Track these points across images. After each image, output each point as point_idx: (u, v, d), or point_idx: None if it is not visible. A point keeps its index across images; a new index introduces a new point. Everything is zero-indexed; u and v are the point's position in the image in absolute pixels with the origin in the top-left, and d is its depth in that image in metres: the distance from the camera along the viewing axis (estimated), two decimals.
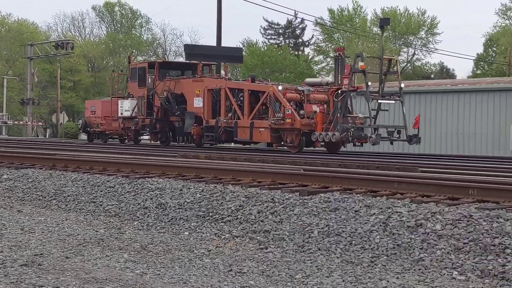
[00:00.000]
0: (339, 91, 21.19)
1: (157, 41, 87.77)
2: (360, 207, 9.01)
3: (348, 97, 21.22)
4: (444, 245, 7.64)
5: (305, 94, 22.30)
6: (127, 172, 13.64)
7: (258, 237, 9.02)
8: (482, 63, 70.13)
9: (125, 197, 11.61)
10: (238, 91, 24.17)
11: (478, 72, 68.81)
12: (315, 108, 21.99)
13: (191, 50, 30.71)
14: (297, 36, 76.80)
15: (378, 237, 8.17)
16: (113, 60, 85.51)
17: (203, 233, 9.57)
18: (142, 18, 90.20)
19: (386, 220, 8.46)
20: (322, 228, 8.73)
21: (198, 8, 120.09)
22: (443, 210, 8.41)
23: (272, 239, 8.88)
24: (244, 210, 9.89)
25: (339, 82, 21.51)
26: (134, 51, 78.01)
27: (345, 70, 21.06)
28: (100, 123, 31.28)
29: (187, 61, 31.17)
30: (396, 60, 21.97)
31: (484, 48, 70.16)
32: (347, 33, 73.23)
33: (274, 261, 7.97)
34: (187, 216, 10.27)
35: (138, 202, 11.21)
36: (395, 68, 21.92)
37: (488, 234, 7.57)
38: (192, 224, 10.00)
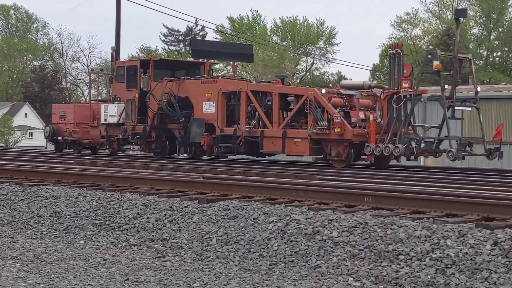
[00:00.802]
0: (398, 96, 17.48)
1: (54, 46, 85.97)
2: (259, 214, 9.04)
3: (415, 102, 17.50)
4: (340, 252, 7.74)
5: (349, 99, 18.70)
6: (20, 180, 13.24)
7: (156, 246, 8.91)
8: (378, 73, 71.95)
9: (18, 205, 11.26)
10: (263, 94, 19.96)
11: (375, 82, 70.43)
12: (362, 115, 18.35)
13: (198, 46, 26.33)
14: None
15: (276, 244, 8.22)
16: (7, 64, 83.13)
17: (99, 241, 9.38)
18: (38, 22, 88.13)
19: (284, 227, 8.52)
20: (221, 236, 8.71)
21: (97, 14, 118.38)
22: (340, 217, 8.54)
23: (170, 247, 8.79)
24: (142, 218, 9.76)
25: (397, 84, 17.54)
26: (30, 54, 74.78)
27: (405, 71, 17.48)
28: (73, 130, 25.67)
29: (189, 60, 27.59)
30: (470, 60, 18.36)
31: (380, 58, 72.03)
32: (247, 41, 73.76)
33: (171, 269, 7.88)
34: (82, 224, 10.05)
35: (31, 210, 10.89)
36: (468, 69, 18.82)
37: (382, 241, 7.72)
38: (88, 232, 9.79)
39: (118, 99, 23.60)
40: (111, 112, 23.58)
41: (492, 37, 66.18)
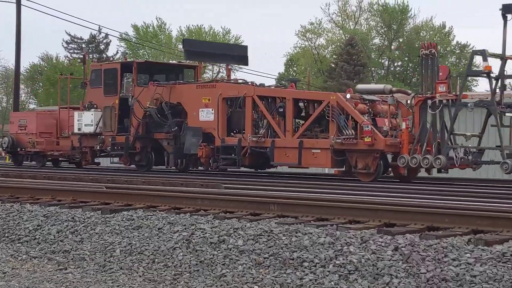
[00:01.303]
0: (433, 101, 15.45)
1: None
2: (164, 224, 8.95)
3: (459, 108, 15.50)
4: (246, 260, 7.74)
5: (371, 105, 16.92)
6: None
7: (57, 258, 8.69)
8: (283, 81, 72.69)
9: None
10: (272, 100, 17.99)
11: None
12: (387, 123, 16.51)
13: (192, 46, 23.18)
14: (101, 51, 75.70)
15: (181, 254, 8.14)
16: None
17: None
18: None
19: (190, 237, 8.45)
20: (125, 246, 8.57)
21: None
22: (245, 225, 8.54)
23: (72, 259, 8.59)
24: (42, 230, 9.50)
25: (433, 89, 15.56)
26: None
27: (440, 73, 15.56)
28: (36, 141, 22.87)
29: (178, 62, 25.66)
30: None
31: (285, 67, 72.82)
32: (152, 50, 73.23)
33: (73, 281, 7.70)
34: None
35: None
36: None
37: (287, 248, 7.77)
38: None
39: (95, 106, 21.09)
40: (86, 121, 21.10)
41: (392, 47, 67.97)
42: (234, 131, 18.51)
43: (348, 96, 16.53)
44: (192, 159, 19.17)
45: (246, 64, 23.93)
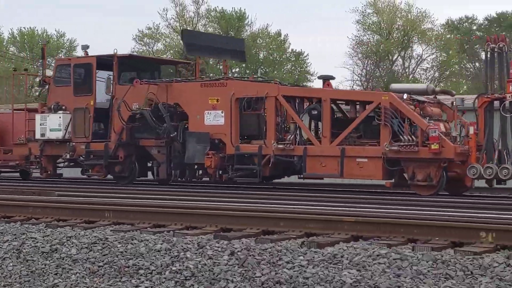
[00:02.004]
0: (504, 103, 13.59)
1: None
2: None
3: None
4: (79, 269, 7.54)
5: (421, 107, 14.67)
6: None
7: None
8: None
9: None
10: (301, 101, 15.71)
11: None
12: (442, 127, 14.32)
13: (192, 40, 19.27)
14: None
15: (11, 264, 7.81)
16: None
17: None
18: None
19: (20, 246, 8.12)
20: None
21: None
22: (79, 233, 8.33)
23: None
24: None
25: (503, 88, 13.68)
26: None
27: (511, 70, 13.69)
28: None
29: (169, 58, 23.08)
30: None
31: None
32: None
33: None
34: None
35: None
36: None
37: (123, 256, 7.64)
38: None
39: (63, 107, 17.91)
40: (52, 125, 17.81)
41: None
42: (245, 137, 16.05)
43: (405, 96, 14.47)
44: (193, 170, 16.45)
45: (244, 60, 21.21)
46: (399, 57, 58.19)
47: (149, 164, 17.57)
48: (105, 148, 16.96)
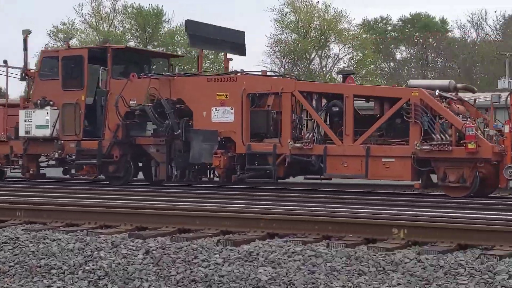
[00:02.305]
0: None
1: None
2: None
3: None
4: None
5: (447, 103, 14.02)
6: None
7: None
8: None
9: None
10: (319, 97, 14.91)
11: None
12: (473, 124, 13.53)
13: (197, 30, 17.49)
14: None
15: None
16: None
17: None
18: None
19: None
20: None
21: None
22: None
23: None
24: None
25: None
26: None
27: None
28: None
29: (162, 51, 21.41)
30: None
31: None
32: None
33: None
34: None
35: None
36: None
37: (34, 256, 7.46)
38: None
39: (51, 103, 16.73)
40: (39, 121, 16.59)
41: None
42: (253, 135, 15.17)
43: (436, 92, 13.71)
44: (197, 170, 15.53)
45: (243, 54, 19.39)
46: (317, 56, 58.93)
47: (140, 164, 16.87)
48: (99, 147, 15.89)
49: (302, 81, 15.73)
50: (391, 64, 63.28)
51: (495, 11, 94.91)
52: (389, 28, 65.34)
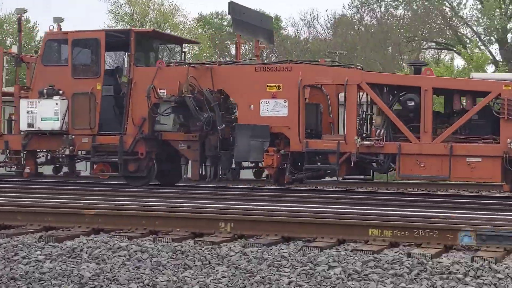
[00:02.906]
0: None
1: None
2: None
3: None
4: None
5: None
6: None
7: None
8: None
9: None
10: (390, 90, 13.44)
11: None
12: None
13: (240, 14, 15.62)
14: None
15: None
16: None
17: None
18: None
19: None
20: None
21: None
22: None
23: None
24: None
25: None
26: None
27: None
28: None
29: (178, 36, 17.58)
30: None
31: None
32: None
33: None
34: None
35: None
36: None
37: None
38: None
39: (60, 92, 14.61)
40: (46, 113, 14.50)
41: None
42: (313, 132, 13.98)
43: None
44: (237, 169, 14.16)
45: (272, 42, 17.42)
46: None
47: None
48: (120, 143, 14.17)
49: (370, 71, 14.63)
50: (227, 59, 63.99)
51: (326, 10, 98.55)
52: (225, 23, 66.09)
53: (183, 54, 16.71)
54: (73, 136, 14.44)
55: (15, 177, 15.73)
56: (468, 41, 35.94)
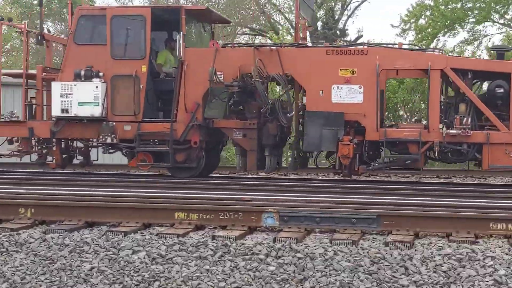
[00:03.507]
0: None
1: None
2: None
3: None
4: None
5: None
6: None
7: None
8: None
9: None
10: (474, 76, 12.63)
11: None
12: None
13: None
14: None
15: None
16: None
17: None
18: None
19: None
20: None
21: None
22: None
23: None
24: None
25: None
26: None
27: None
28: None
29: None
30: None
31: None
32: None
33: None
34: None
35: None
36: None
37: None
38: None
39: (100, 74, 13.14)
40: (83, 97, 13.08)
41: None
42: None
43: None
44: (302, 158, 13.35)
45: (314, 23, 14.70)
46: None
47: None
48: (171, 131, 13.06)
49: (455, 56, 13.87)
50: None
51: None
52: (35, 2, 63.72)
53: (212, 34, 15.48)
54: (114, 123, 13.24)
55: (38, 166, 14.23)
56: (280, 28, 36.87)
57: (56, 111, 13.24)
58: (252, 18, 40.82)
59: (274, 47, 13.22)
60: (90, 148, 14.01)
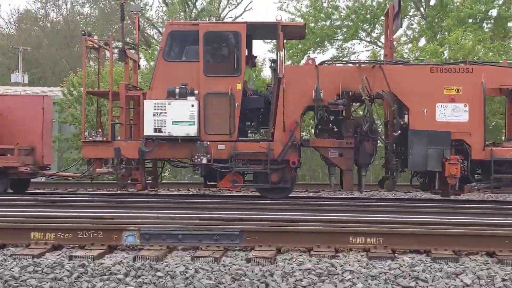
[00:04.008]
0: None
1: None
2: None
3: None
4: None
5: None
6: None
7: None
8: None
9: None
10: None
11: None
12: None
13: None
14: None
15: None
16: None
17: None
18: None
19: None
20: None
21: None
22: None
23: None
24: None
25: None
26: None
27: None
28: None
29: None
30: None
31: None
32: None
33: None
34: None
35: None
36: None
37: None
38: None
39: (196, 92, 13.03)
40: (178, 116, 12.84)
41: None
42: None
43: None
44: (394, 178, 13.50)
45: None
46: None
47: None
48: (269, 150, 13.09)
49: None
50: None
51: (9, 5, 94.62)
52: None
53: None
54: (208, 143, 13.17)
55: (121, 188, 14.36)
56: (154, 42, 36.58)
57: (148, 131, 12.98)
58: (126, 32, 40.41)
59: (377, 65, 13.36)
60: (160, 169, 14.35)
